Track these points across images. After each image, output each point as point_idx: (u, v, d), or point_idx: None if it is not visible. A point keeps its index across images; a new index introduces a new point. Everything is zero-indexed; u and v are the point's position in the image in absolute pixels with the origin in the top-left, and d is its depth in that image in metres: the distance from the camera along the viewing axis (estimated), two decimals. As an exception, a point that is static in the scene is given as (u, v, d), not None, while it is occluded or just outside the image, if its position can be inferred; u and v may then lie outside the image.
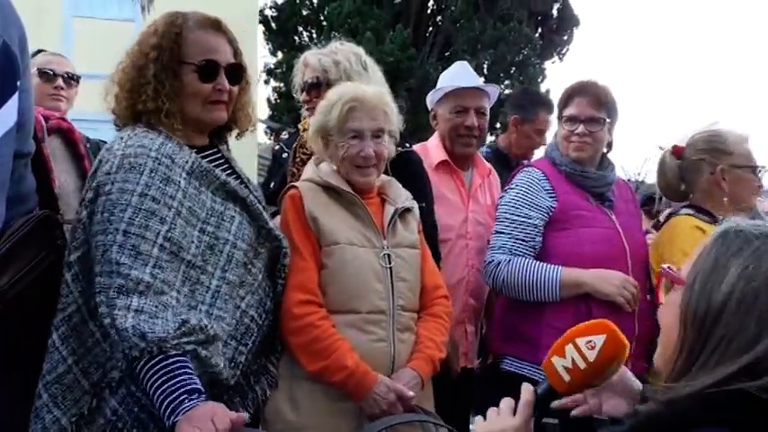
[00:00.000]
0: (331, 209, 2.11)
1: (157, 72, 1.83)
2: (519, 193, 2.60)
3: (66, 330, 1.74)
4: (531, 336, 2.51)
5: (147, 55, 1.84)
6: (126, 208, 1.69)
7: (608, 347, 1.30)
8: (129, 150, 1.76)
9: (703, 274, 1.09)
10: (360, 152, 2.12)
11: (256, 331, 1.91)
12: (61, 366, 1.72)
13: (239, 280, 1.86)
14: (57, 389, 1.72)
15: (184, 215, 1.76)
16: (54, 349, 1.73)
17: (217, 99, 1.90)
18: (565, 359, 1.32)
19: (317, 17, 13.85)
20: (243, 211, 1.91)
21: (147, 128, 1.84)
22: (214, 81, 1.88)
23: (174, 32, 1.86)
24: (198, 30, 1.89)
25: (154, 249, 1.68)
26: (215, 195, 1.86)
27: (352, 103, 2.11)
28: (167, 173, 1.76)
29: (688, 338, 1.08)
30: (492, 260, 2.55)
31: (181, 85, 1.86)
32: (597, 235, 2.55)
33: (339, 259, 2.05)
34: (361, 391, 1.99)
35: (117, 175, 1.73)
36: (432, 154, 2.87)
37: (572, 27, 13.96)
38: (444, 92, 2.89)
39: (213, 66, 1.88)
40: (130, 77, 1.86)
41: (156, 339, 1.60)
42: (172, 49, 1.85)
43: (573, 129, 2.60)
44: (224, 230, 1.83)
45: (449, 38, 13.36)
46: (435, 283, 2.25)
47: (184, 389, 1.58)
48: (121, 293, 1.63)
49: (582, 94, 2.62)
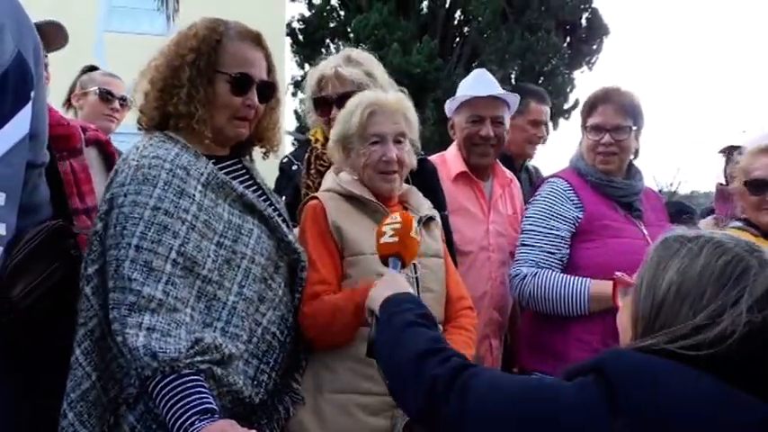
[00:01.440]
0: (354, 218, 2.07)
1: (193, 77, 1.79)
2: (544, 204, 2.54)
3: (89, 345, 1.71)
4: (558, 350, 2.45)
5: (184, 57, 1.80)
6: (138, 222, 1.66)
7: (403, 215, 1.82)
8: (144, 161, 1.72)
9: (648, 276, 1.22)
10: (382, 157, 2.08)
11: (278, 348, 1.86)
12: (86, 383, 1.69)
13: (258, 296, 1.81)
14: (82, 407, 1.69)
15: (199, 229, 1.72)
16: (77, 366, 1.70)
17: (244, 115, 1.86)
18: (386, 233, 1.78)
19: (345, 29, 13.91)
20: (261, 223, 1.86)
21: (165, 137, 1.81)
22: (245, 96, 1.85)
23: (215, 39, 1.82)
24: (238, 41, 1.86)
25: (167, 265, 1.64)
26: (232, 208, 1.82)
27: (373, 108, 2.08)
28: (181, 185, 1.72)
29: (638, 333, 1.21)
30: (518, 273, 2.49)
31: (213, 94, 1.82)
32: (626, 246, 2.47)
33: (364, 269, 2.00)
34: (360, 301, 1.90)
35: (130, 187, 1.69)
36: (450, 165, 2.82)
37: (601, 36, 13.80)
38: (460, 101, 2.83)
39: (247, 80, 1.85)
40: (163, 77, 1.81)
41: (168, 359, 1.57)
42: (209, 55, 1.80)
43: (598, 138, 2.54)
44: (241, 244, 1.79)
45: (476, 48, 13.30)
46: (460, 293, 2.21)
47: (196, 409, 1.54)
48: (133, 311, 1.60)
49: (606, 102, 2.56)
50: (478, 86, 2.87)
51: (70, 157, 2.08)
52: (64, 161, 2.06)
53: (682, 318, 1.14)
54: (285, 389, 1.92)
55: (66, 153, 2.08)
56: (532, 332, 2.61)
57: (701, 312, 1.12)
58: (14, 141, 1.49)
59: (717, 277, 1.14)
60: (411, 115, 2.15)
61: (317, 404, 1.96)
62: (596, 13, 13.78)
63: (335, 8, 14.27)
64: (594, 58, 14.00)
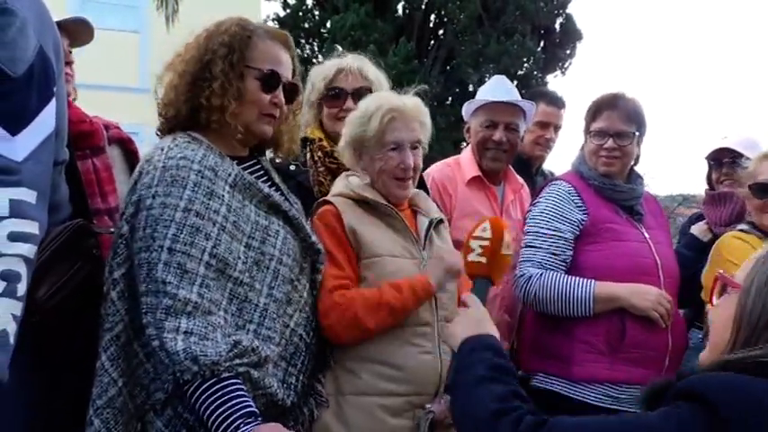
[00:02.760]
0: (368, 221, 2.07)
1: (226, 70, 1.78)
2: (548, 206, 2.56)
3: (115, 351, 1.68)
4: (562, 353, 2.47)
5: (216, 51, 1.79)
6: (170, 224, 1.62)
7: (493, 224, 1.69)
8: (171, 162, 1.69)
9: (759, 280, 1.17)
10: (399, 164, 2.08)
11: (305, 350, 1.86)
12: (112, 389, 1.66)
13: (286, 297, 1.80)
14: (109, 413, 1.66)
15: (229, 230, 1.70)
16: (103, 372, 1.67)
17: (271, 112, 1.87)
18: (474, 251, 1.67)
19: (319, 30, 13.84)
20: (286, 224, 1.86)
21: (189, 138, 1.78)
22: (272, 93, 1.85)
23: (246, 35, 1.83)
24: (268, 39, 1.87)
25: (200, 267, 1.62)
26: (258, 209, 1.81)
27: (393, 114, 2.07)
28: (211, 186, 1.70)
29: (741, 337, 1.17)
30: (523, 274, 2.50)
31: (244, 89, 1.81)
32: (629, 248, 2.51)
33: (381, 271, 2.01)
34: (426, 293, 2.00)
35: (158, 189, 1.66)
36: (464, 168, 2.84)
37: (575, 41, 13.95)
38: (477, 105, 2.85)
39: (276, 78, 1.86)
40: (193, 69, 1.80)
41: (210, 363, 1.55)
42: (241, 49, 1.81)
43: (601, 143, 2.57)
44: (269, 246, 1.78)
45: (452, 51, 13.34)
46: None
47: (241, 412, 1.53)
48: (170, 315, 1.57)
49: (611, 108, 2.59)
50: (496, 92, 2.89)
51: (93, 155, 2.05)
52: (86, 160, 2.02)
53: None
54: (310, 391, 1.91)
55: (89, 151, 2.05)
56: (536, 334, 2.61)
57: None
58: (42, 138, 1.47)
59: None
60: (427, 121, 2.16)
61: (340, 406, 1.95)
62: (570, 18, 13.91)
63: (311, 9, 14.19)
64: (568, 62, 14.14)
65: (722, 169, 2.97)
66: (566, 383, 2.45)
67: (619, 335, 2.40)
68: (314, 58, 14.11)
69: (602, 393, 2.40)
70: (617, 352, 2.39)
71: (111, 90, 9.49)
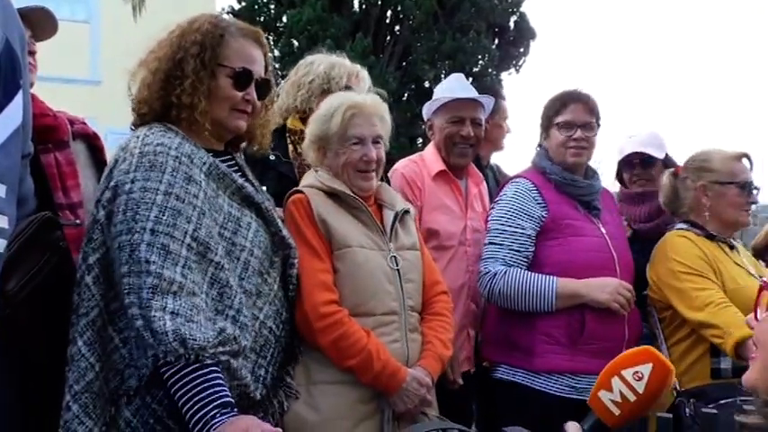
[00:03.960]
0: (337, 213, 2.12)
1: (197, 69, 1.81)
2: (511, 204, 2.62)
3: (91, 336, 1.67)
4: (523, 344, 2.54)
5: (188, 50, 1.82)
6: (151, 206, 1.63)
7: (656, 376, 1.27)
8: (148, 149, 1.71)
9: None
10: (362, 157, 2.15)
11: (275, 343, 1.88)
12: (90, 374, 1.66)
13: (256, 289, 1.82)
14: (87, 398, 1.65)
15: (207, 215, 1.72)
16: (80, 357, 1.66)
17: (243, 108, 1.89)
18: (612, 393, 1.29)
19: (275, 24, 13.73)
20: (258, 217, 1.88)
21: (164, 127, 1.80)
22: (245, 90, 1.88)
23: (219, 34, 1.85)
24: (241, 37, 1.89)
25: (183, 249, 1.63)
26: (231, 200, 1.83)
27: (354, 110, 2.14)
28: (188, 171, 1.72)
29: None
30: (488, 271, 2.55)
31: (215, 87, 1.84)
32: (587, 244, 2.59)
33: (351, 263, 2.07)
34: (392, 387, 2.01)
35: (137, 174, 1.67)
36: (429, 164, 2.89)
37: (528, 39, 14.16)
38: (441, 102, 2.91)
39: (248, 75, 1.88)
40: (166, 67, 1.82)
41: (197, 347, 1.55)
42: (214, 49, 1.83)
43: (570, 134, 2.64)
44: (241, 237, 1.80)
45: (408, 48, 13.39)
46: (434, 278, 2.29)
47: (217, 402, 1.53)
48: (156, 293, 1.56)
49: (576, 101, 2.67)
50: (458, 89, 2.96)
51: (56, 149, 2.02)
52: (48, 154, 1.99)
53: None
54: (279, 383, 1.93)
55: (52, 145, 2.02)
56: (498, 327, 2.67)
57: None
58: (10, 131, 1.44)
59: None
60: (387, 117, 2.23)
61: (311, 395, 2.00)
62: (524, 17, 14.09)
63: (266, 2, 14.05)
64: (522, 60, 14.32)
65: (634, 170, 3.09)
66: (528, 375, 2.52)
67: (579, 327, 2.48)
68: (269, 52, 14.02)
69: (563, 384, 2.48)
70: (577, 344, 2.48)
71: (59, 81, 9.25)
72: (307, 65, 2.61)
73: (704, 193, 2.66)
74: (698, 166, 2.71)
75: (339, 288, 2.05)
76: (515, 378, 2.54)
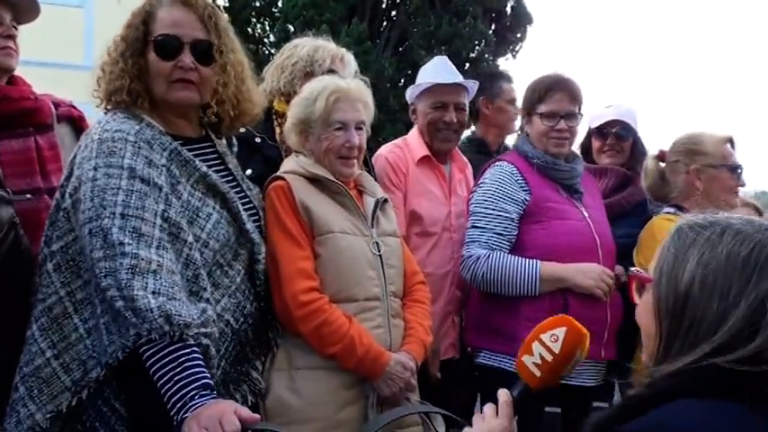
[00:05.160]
0: (318, 199, 2.11)
1: (124, 50, 1.78)
2: (493, 187, 2.60)
3: (45, 322, 1.66)
4: (507, 329, 2.52)
5: (121, 36, 1.80)
6: (117, 192, 1.62)
7: (570, 337, 1.40)
8: (106, 135, 1.69)
9: (667, 269, 1.16)
10: (345, 143, 2.13)
11: (231, 336, 1.83)
12: (39, 359, 1.65)
13: (212, 282, 1.77)
14: (33, 382, 1.64)
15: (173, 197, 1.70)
16: (33, 341, 1.66)
17: (179, 77, 1.79)
18: (533, 356, 1.41)
19: (271, 9, 13.64)
20: (223, 208, 1.83)
21: (129, 114, 1.77)
22: (175, 59, 1.78)
23: (145, 10, 1.81)
24: (167, 6, 1.82)
25: (155, 231, 1.61)
26: (194, 189, 1.78)
27: (338, 95, 2.12)
28: (148, 156, 1.69)
29: (663, 330, 1.15)
30: (471, 255, 2.54)
31: (146, 64, 1.79)
32: (570, 227, 2.58)
33: (334, 248, 2.06)
34: (376, 371, 2.01)
35: (99, 161, 1.66)
36: (413, 149, 2.86)
37: (525, 24, 14.11)
38: (423, 87, 2.87)
39: (172, 41, 1.79)
40: (108, 60, 1.81)
41: (182, 324, 1.53)
42: (138, 27, 1.79)
43: (552, 124, 2.62)
44: (196, 227, 1.75)
45: (404, 33, 13.34)
46: (413, 268, 2.29)
47: (197, 383, 1.51)
48: (135, 274, 1.54)
49: (559, 89, 2.64)
50: (441, 74, 2.91)
51: (36, 133, 1.99)
52: (29, 137, 1.98)
53: (714, 313, 1.08)
54: (243, 377, 1.91)
55: (33, 129, 1.99)
56: (481, 312, 2.67)
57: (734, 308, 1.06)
58: None
59: (741, 267, 1.08)
60: (370, 102, 2.21)
61: (293, 380, 2.00)
62: (521, 1, 14.04)
63: (262, -13, 13.96)
64: (519, 46, 14.28)
65: (607, 140, 3.05)
66: (512, 359, 2.50)
67: (562, 312, 2.46)
68: (265, 37, 13.92)
69: (545, 368, 2.48)
70: (560, 328, 2.47)
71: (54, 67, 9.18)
72: (291, 48, 2.60)
73: (697, 176, 2.65)
74: (689, 150, 2.69)
75: (321, 274, 2.05)
76: (499, 363, 2.53)
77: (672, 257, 1.16)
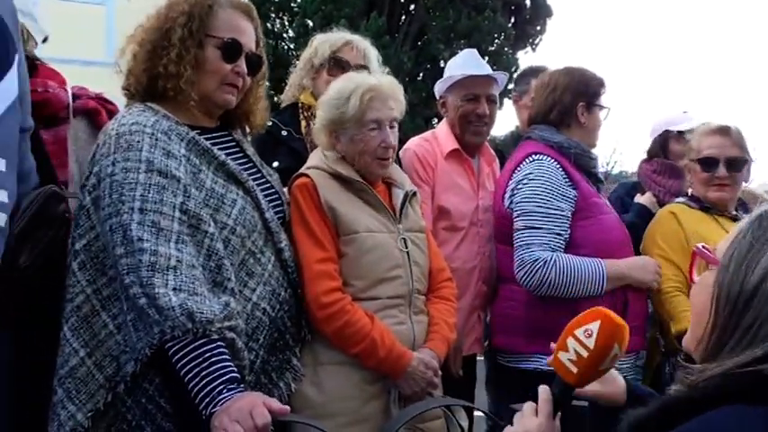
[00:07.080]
0: (344, 197, 2.08)
1: (184, 37, 1.77)
2: (544, 184, 2.44)
3: (75, 321, 1.66)
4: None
5: (176, 20, 1.78)
6: (135, 186, 1.61)
7: (603, 332, 1.32)
8: (123, 129, 1.69)
9: (738, 257, 1.05)
10: (381, 143, 2.09)
11: (268, 324, 1.83)
12: (73, 359, 1.65)
13: (246, 270, 1.78)
14: (70, 383, 1.64)
15: (193, 187, 1.69)
16: (65, 342, 1.65)
17: (232, 82, 1.84)
18: (568, 352, 1.34)
19: (290, 4, 13.65)
20: (246, 195, 1.83)
21: (144, 107, 1.77)
22: (234, 63, 1.83)
23: (208, 4, 1.81)
24: (230, 8, 1.85)
25: (174, 224, 1.60)
26: (216, 176, 1.78)
27: (372, 93, 2.08)
28: (167, 147, 1.69)
29: (720, 320, 1.06)
30: (536, 258, 2.36)
31: (203, 58, 1.80)
32: (612, 221, 2.55)
33: (359, 248, 2.03)
34: (398, 371, 1.99)
35: (116, 156, 1.66)
36: (442, 142, 2.82)
37: (545, 17, 14.00)
38: (455, 80, 2.83)
39: (237, 47, 1.84)
40: (153, 38, 1.79)
41: (205, 320, 1.52)
42: (202, 18, 1.79)
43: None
44: (223, 214, 1.75)
45: (423, 27, 13.26)
46: (440, 265, 2.26)
47: (224, 377, 1.51)
48: (156, 271, 1.54)
49: None
50: (472, 66, 2.88)
51: (42, 126, 1.98)
52: None
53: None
54: (285, 365, 1.91)
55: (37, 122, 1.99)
56: (531, 316, 2.47)
57: None
58: (7, 105, 1.42)
59: None
60: (402, 99, 2.17)
61: (317, 375, 1.99)
62: (540, -6, 13.93)
63: (281, -18, 13.96)
64: (538, 39, 14.18)
65: None
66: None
67: (622, 308, 2.39)
68: (284, 32, 13.93)
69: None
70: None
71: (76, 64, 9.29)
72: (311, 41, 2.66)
73: (688, 171, 2.77)
74: (687, 146, 2.79)
75: (346, 273, 2.03)
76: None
77: (747, 246, 1.05)
